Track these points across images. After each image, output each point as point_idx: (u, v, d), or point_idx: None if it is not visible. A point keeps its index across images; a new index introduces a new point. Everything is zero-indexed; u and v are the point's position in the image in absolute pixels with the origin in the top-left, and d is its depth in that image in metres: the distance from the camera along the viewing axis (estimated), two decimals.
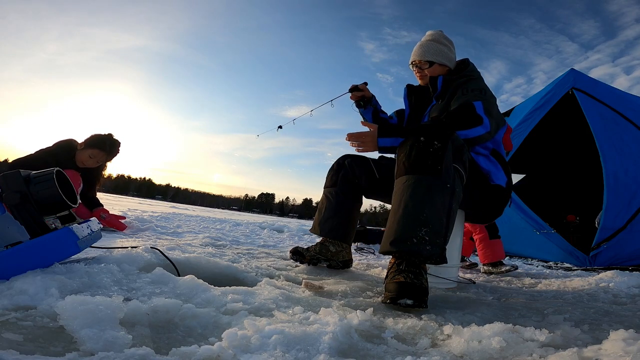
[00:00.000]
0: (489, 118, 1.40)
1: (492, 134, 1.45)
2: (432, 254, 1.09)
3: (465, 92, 1.49)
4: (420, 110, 1.78)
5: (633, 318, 1.04)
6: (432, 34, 1.73)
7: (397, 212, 1.14)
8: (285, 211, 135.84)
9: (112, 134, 2.64)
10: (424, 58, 1.66)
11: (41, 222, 1.01)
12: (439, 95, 1.62)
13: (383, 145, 1.37)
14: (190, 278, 0.98)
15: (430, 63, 1.66)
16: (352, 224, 1.76)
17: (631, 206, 3.00)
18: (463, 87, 1.53)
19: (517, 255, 3.66)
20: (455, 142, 1.22)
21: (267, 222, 6.30)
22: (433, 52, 1.66)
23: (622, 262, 2.94)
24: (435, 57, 1.66)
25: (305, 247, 1.76)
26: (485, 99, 1.45)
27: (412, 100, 1.82)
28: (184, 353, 0.59)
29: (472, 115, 1.39)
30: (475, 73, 1.64)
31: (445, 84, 1.60)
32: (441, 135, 1.18)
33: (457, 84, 1.57)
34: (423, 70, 1.68)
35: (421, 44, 1.70)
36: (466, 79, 1.58)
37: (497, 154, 1.61)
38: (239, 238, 3.01)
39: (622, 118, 3.32)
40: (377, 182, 1.71)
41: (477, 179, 1.46)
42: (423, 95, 1.80)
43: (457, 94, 1.51)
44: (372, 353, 0.68)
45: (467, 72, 1.63)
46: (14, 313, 0.69)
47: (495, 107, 1.52)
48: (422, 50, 1.67)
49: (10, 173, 1.01)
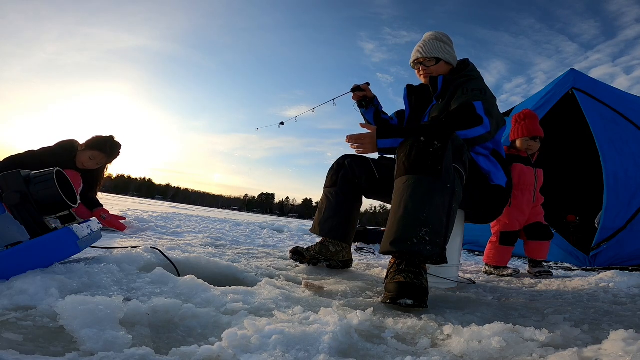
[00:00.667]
0: (489, 118, 1.41)
1: (493, 134, 1.45)
2: (432, 254, 1.09)
3: (466, 92, 1.49)
4: (421, 110, 1.78)
5: (633, 318, 1.04)
6: (433, 33, 1.73)
7: (397, 212, 1.14)
8: (285, 211, 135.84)
9: (113, 136, 2.64)
10: (430, 55, 1.66)
11: (41, 222, 1.01)
12: (439, 95, 1.62)
13: (382, 146, 1.38)
14: (190, 278, 0.98)
15: (437, 60, 1.66)
16: (352, 224, 1.76)
17: (631, 206, 3.00)
18: (463, 87, 1.53)
19: (517, 255, 3.65)
20: (455, 142, 1.23)
21: (267, 222, 6.30)
22: (439, 49, 1.66)
23: (622, 262, 2.94)
24: (442, 54, 1.66)
25: (306, 247, 1.76)
26: (485, 99, 1.45)
27: (412, 100, 1.82)
28: (184, 353, 0.59)
29: (472, 115, 1.39)
30: (476, 73, 1.64)
31: (446, 83, 1.60)
32: (441, 136, 1.18)
33: (458, 84, 1.57)
34: (428, 68, 1.68)
35: (424, 43, 1.70)
36: (466, 79, 1.58)
37: (497, 154, 1.61)
38: (239, 238, 3.01)
39: (622, 118, 3.32)
40: (377, 182, 1.71)
41: (477, 179, 1.46)
42: (423, 95, 1.80)
43: (457, 94, 1.52)
44: (372, 353, 0.68)
45: (467, 72, 1.64)
46: (14, 313, 0.69)
47: (496, 107, 1.52)
48: (427, 47, 1.67)
49: (10, 173, 1.01)
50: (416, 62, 1.71)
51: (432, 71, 1.67)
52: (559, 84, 3.63)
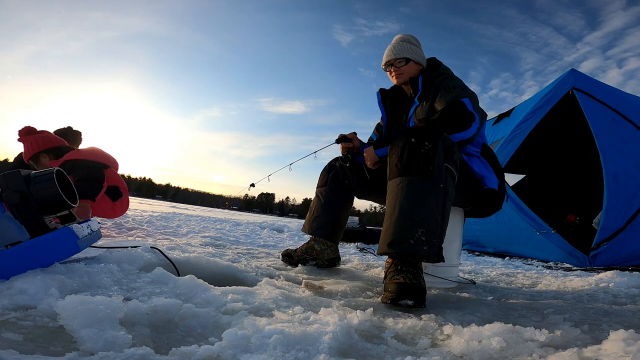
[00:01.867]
0: (478, 114, 1.44)
1: (481, 128, 1.48)
2: (429, 254, 1.12)
3: (448, 90, 1.51)
4: (398, 113, 1.78)
5: (633, 318, 1.04)
6: (402, 36, 1.76)
7: (393, 214, 1.16)
8: (285, 211, 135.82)
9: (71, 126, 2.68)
10: (399, 56, 1.69)
11: (41, 221, 1.01)
12: (421, 95, 1.63)
13: (381, 154, 1.47)
14: (190, 278, 0.98)
15: (407, 60, 1.68)
16: (340, 222, 1.80)
17: (631, 206, 3.00)
18: (443, 85, 1.55)
19: (517, 255, 3.66)
20: (446, 142, 1.25)
21: (267, 222, 6.29)
22: (407, 50, 1.69)
23: (622, 262, 2.94)
24: (411, 55, 1.69)
25: (294, 249, 1.81)
26: (470, 95, 1.48)
27: (388, 104, 1.82)
28: (184, 353, 0.59)
29: (465, 113, 1.41)
30: (449, 71, 1.67)
31: (426, 83, 1.62)
32: (431, 136, 1.21)
33: (437, 83, 1.59)
34: (399, 69, 1.69)
35: (394, 45, 1.72)
36: (443, 77, 1.60)
37: (487, 149, 1.63)
38: (239, 238, 3.02)
39: (622, 118, 3.32)
40: (368, 182, 1.74)
41: (471, 183, 1.48)
42: (398, 97, 1.80)
43: (440, 92, 1.54)
44: (372, 353, 0.68)
45: (441, 70, 1.67)
46: (14, 313, 0.69)
47: (478, 102, 1.55)
48: (396, 49, 1.70)
49: (10, 172, 1.01)
50: (387, 64, 1.73)
51: (402, 71, 1.69)
52: (559, 84, 3.63)
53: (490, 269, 2.46)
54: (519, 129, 3.69)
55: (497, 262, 3.07)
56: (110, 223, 2.75)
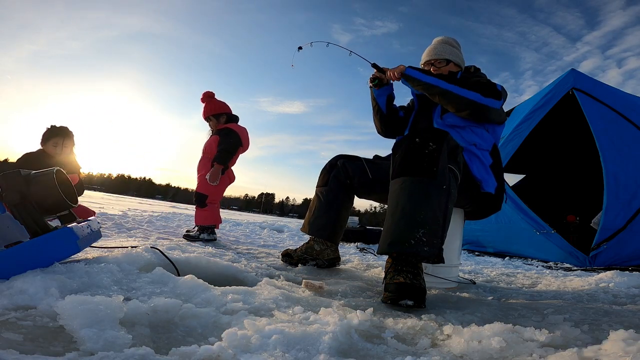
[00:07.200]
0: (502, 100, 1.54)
1: (502, 115, 1.56)
2: (430, 255, 1.11)
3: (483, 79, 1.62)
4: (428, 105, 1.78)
5: (633, 318, 1.04)
6: (443, 38, 1.81)
7: (395, 214, 1.16)
8: (285, 211, 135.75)
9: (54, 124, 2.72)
10: (441, 56, 1.73)
11: (41, 221, 1.01)
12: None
13: (409, 73, 1.53)
14: (190, 278, 0.98)
15: (447, 61, 1.73)
16: (341, 223, 1.80)
17: (631, 206, 3.00)
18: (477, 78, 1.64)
19: (517, 255, 3.66)
20: (450, 143, 1.25)
21: (267, 222, 6.30)
22: (448, 52, 1.74)
23: (622, 262, 2.94)
24: (451, 57, 1.74)
25: (294, 249, 1.81)
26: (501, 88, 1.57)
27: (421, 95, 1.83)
28: (184, 353, 0.59)
29: (494, 89, 1.53)
30: (485, 76, 1.73)
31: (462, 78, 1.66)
32: (436, 137, 1.21)
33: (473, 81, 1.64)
34: (439, 69, 1.74)
35: (435, 46, 1.77)
36: (479, 78, 1.66)
37: (495, 150, 1.65)
38: (239, 238, 3.01)
39: (622, 118, 3.32)
40: (370, 182, 1.74)
41: (469, 186, 1.49)
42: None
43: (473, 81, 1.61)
44: (372, 353, 0.68)
45: (479, 74, 1.74)
46: (14, 313, 0.69)
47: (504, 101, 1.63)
48: (438, 50, 1.75)
49: (10, 173, 1.01)
50: (427, 63, 1.77)
51: (442, 72, 1.73)
52: (559, 84, 3.63)
53: (490, 269, 2.46)
54: (519, 129, 3.69)
55: (497, 262, 3.07)
56: (110, 223, 2.75)
